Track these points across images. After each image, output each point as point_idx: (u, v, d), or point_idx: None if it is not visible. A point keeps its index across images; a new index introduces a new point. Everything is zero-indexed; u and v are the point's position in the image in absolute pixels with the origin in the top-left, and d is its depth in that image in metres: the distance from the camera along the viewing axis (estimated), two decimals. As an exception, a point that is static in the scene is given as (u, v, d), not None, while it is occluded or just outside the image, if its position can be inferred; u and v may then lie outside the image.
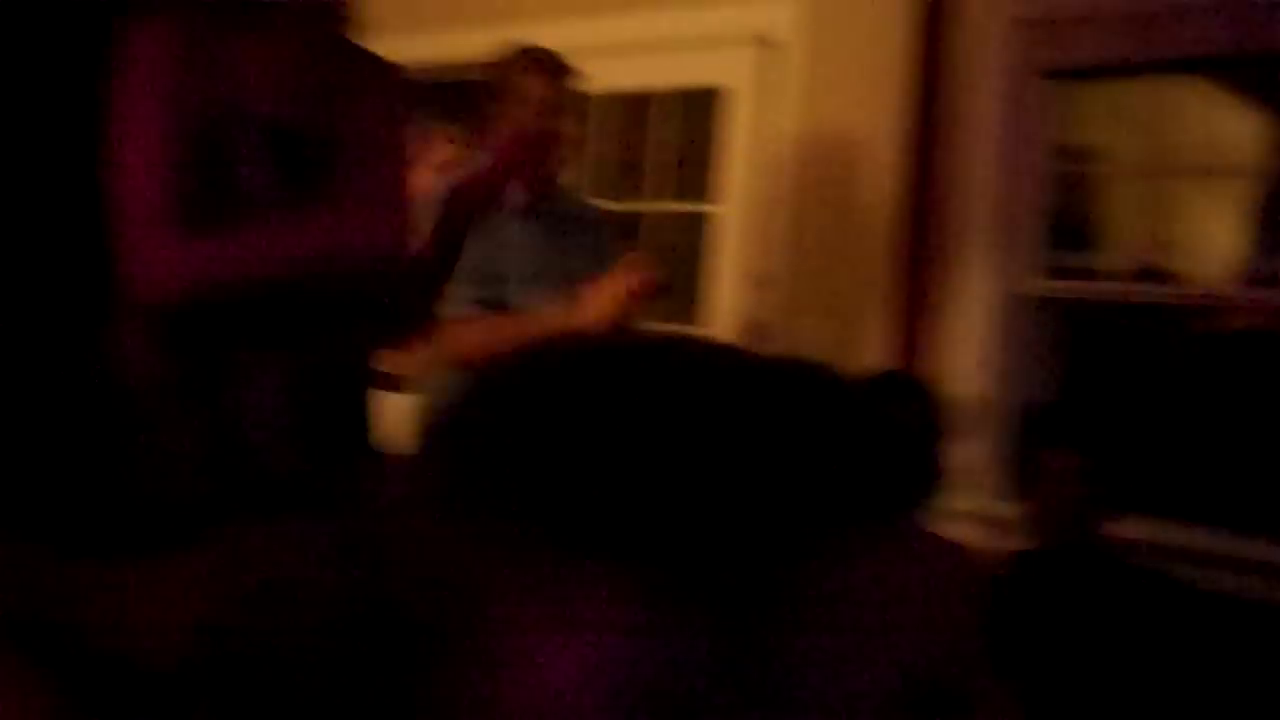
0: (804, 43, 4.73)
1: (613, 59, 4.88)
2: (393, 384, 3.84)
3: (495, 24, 5.38)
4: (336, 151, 2.06)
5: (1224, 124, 4.49)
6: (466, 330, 3.12)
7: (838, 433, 0.52)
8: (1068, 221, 4.38)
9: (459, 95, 5.35)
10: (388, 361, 3.52)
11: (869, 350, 4.39)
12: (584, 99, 3.50)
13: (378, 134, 2.19)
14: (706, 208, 5.10)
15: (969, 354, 4.26)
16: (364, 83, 2.18)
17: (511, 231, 3.27)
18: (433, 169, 3.89)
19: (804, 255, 4.70)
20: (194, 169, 1.95)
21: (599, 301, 3.14)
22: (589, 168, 5.35)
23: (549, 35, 5.10)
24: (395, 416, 3.79)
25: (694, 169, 5.22)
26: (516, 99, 3.30)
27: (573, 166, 4.39)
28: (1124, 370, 4.57)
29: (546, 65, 3.35)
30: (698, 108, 5.20)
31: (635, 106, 5.33)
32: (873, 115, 4.50)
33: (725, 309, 4.93)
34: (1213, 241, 4.93)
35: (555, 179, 3.46)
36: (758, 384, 0.52)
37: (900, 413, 3.02)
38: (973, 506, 3.94)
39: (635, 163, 5.38)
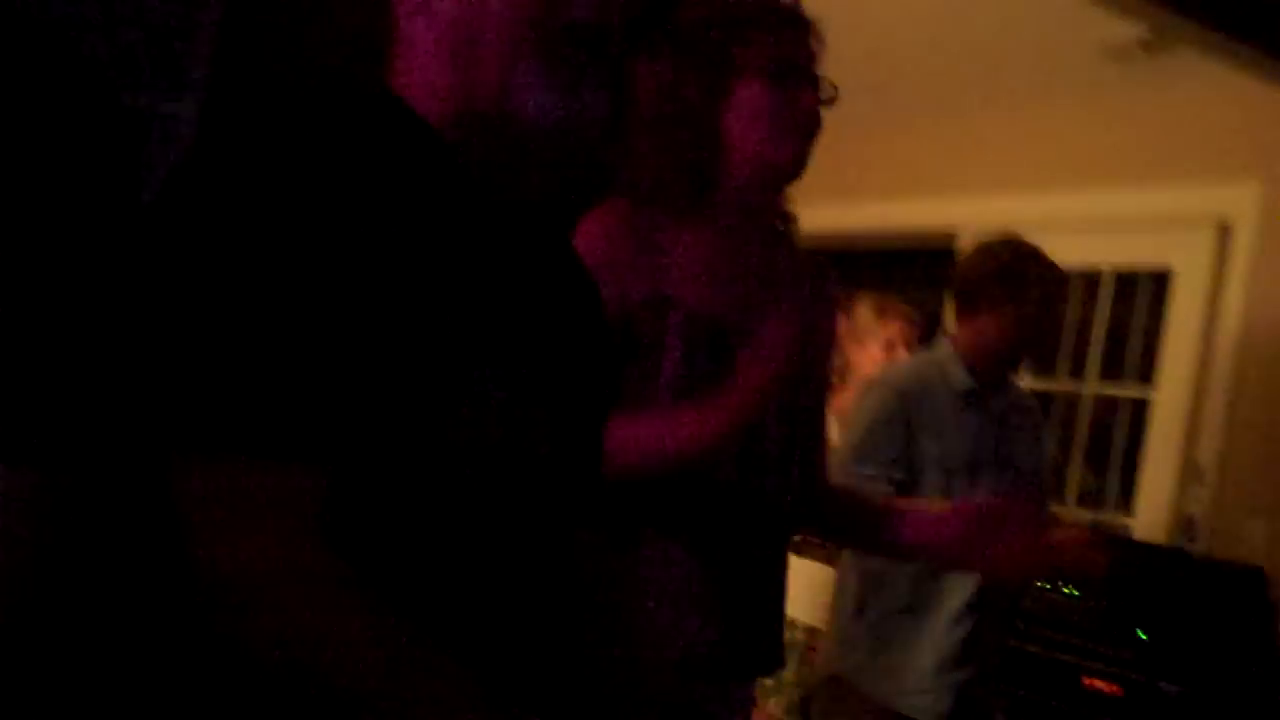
0: (1260, 225, 4.55)
1: (1062, 236, 4.84)
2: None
3: (951, 196, 5.44)
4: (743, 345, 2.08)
5: None
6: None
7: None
8: None
9: (915, 266, 5.43)
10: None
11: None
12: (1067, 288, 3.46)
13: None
14: (1145, 392, 4.94)
15: None
16: (794, 280, 2.21)
17: (955, 415, 3.24)
18: (881, 345, 3.91)
19: (1245, 449, 4.47)
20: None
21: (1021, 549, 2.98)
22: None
23: (1000, 208, 5.16)
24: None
25: (1131, 351, 5.08)
26: (1006, 294, 3.27)
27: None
28: None
29: (1044, 266, 3.32)
30: (1139, 287, 5.07)
31: (1080, 284, 5.24)
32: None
33: (1157, 500, 4.72)
34: None
35: (1006, 371, 3.40)
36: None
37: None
38: None
39: (1075, 341, 5.27)
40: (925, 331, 4.35)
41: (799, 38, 2.08)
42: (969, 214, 5.32)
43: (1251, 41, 3.91)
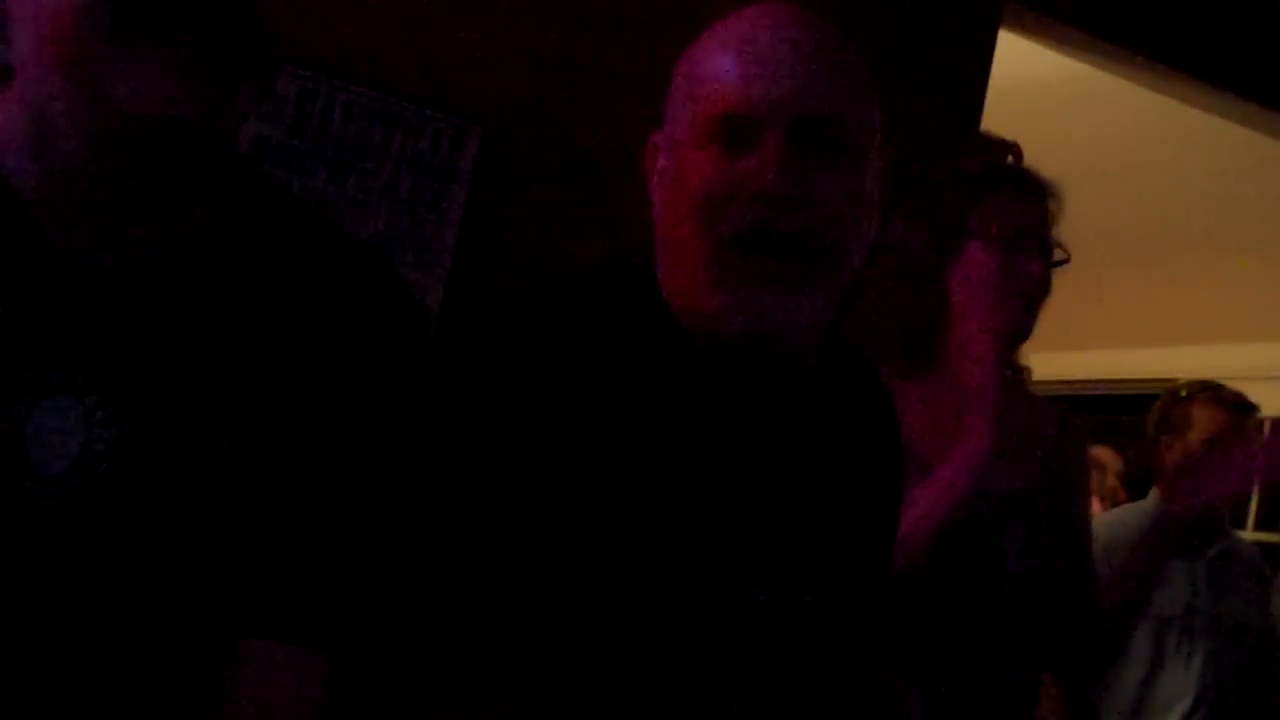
0: None
1: (1261, 384, 4.77)
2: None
3: (1174, 345, 5.40)
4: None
5: None
6: None
7: None
8: None
9: (1112, 416, 5.36)
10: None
11: None
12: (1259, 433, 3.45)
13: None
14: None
15: None
16: (1030, 431, 2.22)
17: (1169, 567, 3.22)
18: (1096, 497, 3.91)
19: None
20: None
21: None
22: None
23: (1225, 356, 5.09)
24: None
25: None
26: (1190, 430, 3.29)
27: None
28: None
29: (1226, 400, 3.33)
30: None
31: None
32: None
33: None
34: None
35: (1223, 518, 3.38)
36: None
37: None
38: None
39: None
40: (1133, 482, 4.31)
41: (1032, 204, 2.08)
42: (1193, 363, 5.27)
43: None
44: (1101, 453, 4.18)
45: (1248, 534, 5.07)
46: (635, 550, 1.18)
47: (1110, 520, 3.43)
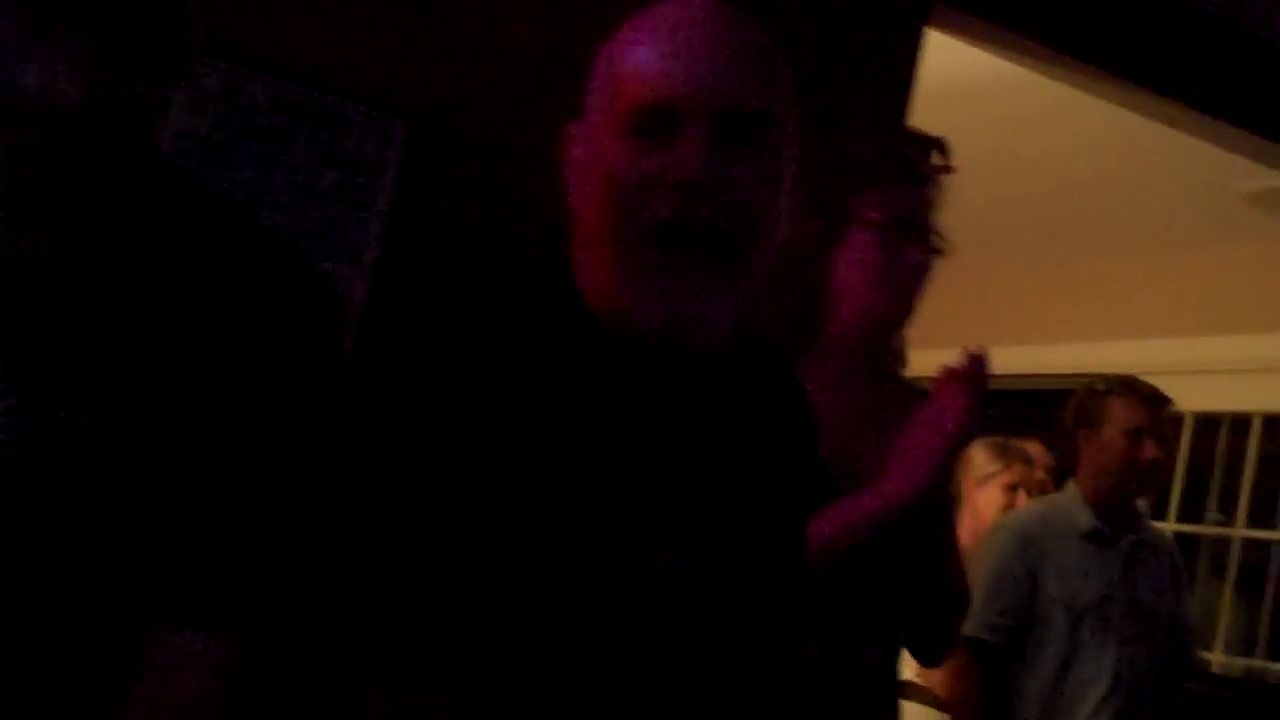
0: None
1: (1209, 380, 4.85)
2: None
3: (1093, 340, 5.46)
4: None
5: None
6: None
7: None
8: None
9: (1038, 410, 5.45)
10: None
11: None
12: (1175, 427, 3.51)
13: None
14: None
15: None
16: (900, 417, 2.23)
17: (1081, 556, 3.27)
18: (1002, 487, 3.94)
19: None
20: None
21: None
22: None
23: (1144, 351, 5.16)
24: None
25: (1265, 494, 5.06)
26: (1106, 423, 3.34)
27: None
28: None
29: (1141, 393, 3.38)
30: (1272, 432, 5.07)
31: (1203, 427, 5.26)
32: None
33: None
34: None
35: (1135, 506, 3.44)
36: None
37: None
38: None
39: (1202, 484, 5.26)
40: (1059, 475, 4.37)
41: (916, 192, 2.10)
42: (1110, 358, 5.35)
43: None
44: (1030, 446, 4.22)
45: (1169, 525, 5.16)
46: (549, 543, 1.18)
47: (1034, 511, 3.47)
